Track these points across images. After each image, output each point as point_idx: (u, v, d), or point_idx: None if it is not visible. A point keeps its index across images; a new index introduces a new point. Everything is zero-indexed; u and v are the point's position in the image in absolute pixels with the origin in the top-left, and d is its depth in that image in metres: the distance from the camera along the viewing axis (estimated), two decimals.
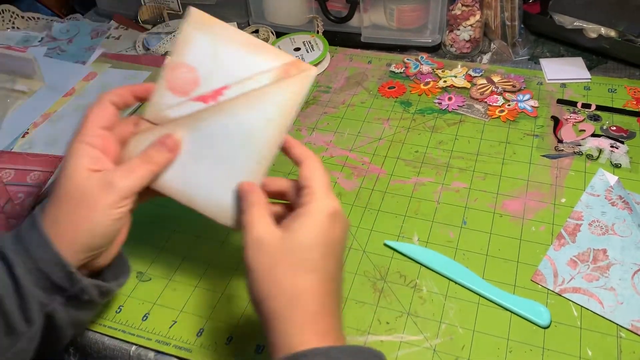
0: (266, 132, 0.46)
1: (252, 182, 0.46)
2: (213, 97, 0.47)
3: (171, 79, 0.47)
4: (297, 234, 0.41)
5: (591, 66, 0.77)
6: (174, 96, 0.47)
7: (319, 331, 0.39)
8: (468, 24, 0.79)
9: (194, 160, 0.47)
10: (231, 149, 0.47)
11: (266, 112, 0.46)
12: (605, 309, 0.49)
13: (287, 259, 0.41)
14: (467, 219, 0.58)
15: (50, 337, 0.45)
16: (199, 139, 0.47)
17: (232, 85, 0.46)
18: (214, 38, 0.47)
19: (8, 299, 0.42)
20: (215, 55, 0.47)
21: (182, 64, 0.47)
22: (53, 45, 0.91)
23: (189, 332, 0.51)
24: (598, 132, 0.67)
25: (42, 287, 0.43)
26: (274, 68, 0.46)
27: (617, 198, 0.58)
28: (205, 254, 0.57)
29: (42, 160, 0.70)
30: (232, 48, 0.46)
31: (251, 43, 0.46)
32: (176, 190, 0.48)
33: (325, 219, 0.42)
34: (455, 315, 0.50)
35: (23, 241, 0.43)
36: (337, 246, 0.43)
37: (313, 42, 0.84)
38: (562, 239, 0.55)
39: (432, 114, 0.72)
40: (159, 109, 0.47)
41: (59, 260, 0.43)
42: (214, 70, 0.47)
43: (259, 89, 0.46)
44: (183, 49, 0.47)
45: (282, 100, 0.46)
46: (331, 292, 0.41)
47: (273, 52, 0.46)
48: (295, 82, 0.46)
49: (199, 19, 0.47)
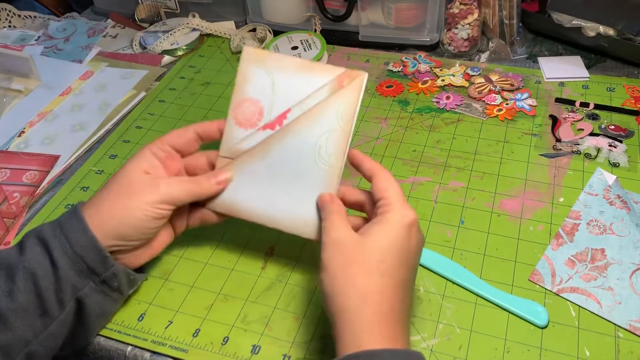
0: (331, 142, 0.49)
1: (330, 192, 0.49)
2: (278, 122, 0.50)
3: (237, 115, 0.52)
4: (375, 238, 0.43)
5: (589, 65, 0.77)
6: (243, 130, 0.51)
7: (387, 335, 0.40)
8: (466, 23, 0.79)
9: (270, 183, 0.51)
10: (302, 165, 0.50)
11: (328, 124, 0.49)
12: (603, 309, 0.49)
13: (363, 260, 0.42)
14: (464, 219, 0.58)
15: (79, 324, 0.47)
16: (272, 163, 0.51)
17: (293, 108, 0.50)
18: (269, 69, 0.51)
19: (45, 280, 0.45)
20: (273, 84, 0.51)
21: (245, 99, 0.51)
22: (50, 44, 0.91)
23: (185, 333, 0.51)
24: (596, 131, 0.66)
25: (77, 271, 0.46)
26: (328, 82, 0.49)
27: (616, 197, 0.58)
28: (202, 254, 0.57)
29: (38, 160, 0.70)
30: (287, 74, 0.50)
31: (303, 66, 0.50)
32: (259, 214, 0.52)
33: (403, 228, 0.43)
34: (453, 315, 0.50)
35: (62, 226, 0.46)
36: (411, 256, 0.44)
37: (310, 40, 0.83)
38: (560, 238, 0.55)
39: (430, 113, 0.72)
40: (232, 144, 0.52)
41: (94, 244, 0.46)
42: (275, 98, 0.51)
43: (317, 105, 0.49)
44: (243, 85, 0.52)
45: (341, 110, 0.49)
46: (402, 299, 0.42)
47: (325, 69, 0.50)
48: (349, 90, 0.49)
49: (253, 55, 0.52)
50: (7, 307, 0.44)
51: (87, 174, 0.68)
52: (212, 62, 0.86)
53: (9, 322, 0.44)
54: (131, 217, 0.47)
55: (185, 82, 0.82)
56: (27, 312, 0.44)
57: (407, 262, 0.43)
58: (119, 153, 0.71)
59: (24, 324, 0.44)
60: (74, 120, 0.76)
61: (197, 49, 0.89)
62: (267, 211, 0.51)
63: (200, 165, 0.53)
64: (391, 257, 0.42)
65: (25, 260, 0.45)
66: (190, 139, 0.52)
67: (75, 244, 0.46)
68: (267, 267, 0.56)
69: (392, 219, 0.44)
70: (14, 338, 0.44)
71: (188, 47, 0.88)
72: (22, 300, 0.44)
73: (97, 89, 0.81)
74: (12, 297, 0.44)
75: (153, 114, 0.77)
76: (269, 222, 0.51)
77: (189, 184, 0.50)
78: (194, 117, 0.75)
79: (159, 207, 0.48)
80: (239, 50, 0.86)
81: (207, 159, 0.53)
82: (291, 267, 0.55)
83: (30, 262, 0.45)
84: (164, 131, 0.73)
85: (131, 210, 0.47)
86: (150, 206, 0.47)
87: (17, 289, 0.44)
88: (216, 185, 0.51)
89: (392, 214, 0.44)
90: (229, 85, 0.81)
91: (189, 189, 0.49)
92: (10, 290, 0.44)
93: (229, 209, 0.52)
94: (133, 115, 0.77)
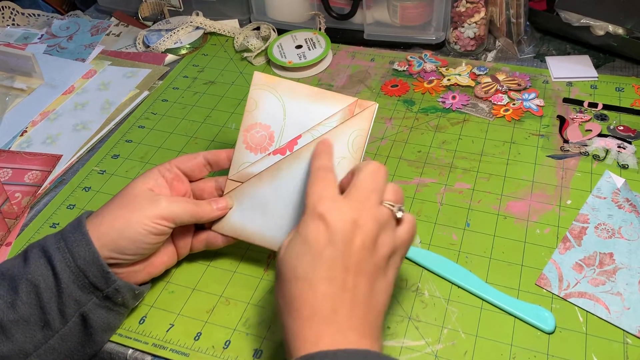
0: (341, 169, 0.49)
1: None
2: (289, 147, 0.51)
3: (248, 140, 0.52)
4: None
5: (598, 64, 0.76)
6: (253, 154, 0.52)
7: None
8: (473, 21, 0.77)
9: (277, 208, 0.51)
10: None
11: (340, 151, 0.49)
12: (612, 315, 0.48)
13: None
14: (470, 221, 0.57)
15: (84, 340, 0.47)
16: (280, 188, 0.51)
17: (304, 134, 0.51)
18: (280, 95, 0.52)
19: (47, 292, 0.45)
20: (285, 110, 0.51)
21: (255, 124, 0.52)
22: (53, 43, 0.90)
23: (186, 336, 0.50)
24: (605, 132, 0.65)
25: (79, 285, 0.46)
26: (340, 111, 0.50)
27: (624, 201, 0.57)
28: (203, 257, 0.56)
29: (40, 160, 0.69)
30: (298, 101, 0.51)
31: (314, 93, 0.51)
32: (263, 238, 0.52)
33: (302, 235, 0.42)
34: (458, 320, 0.49)
35: (66, 239, 0.46)
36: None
37: (315, 39, 0.83)
38: (567, 242, 0.54)
39: (435, 113, 0.71)
40: (241, 168, 0.52)
41: (96, 259, 0.46)
42: (286, 123, 0.51)
43: (329, 132, 0.50)
44: (253, 110, 0.52)
45: (351, 138, 0.49)
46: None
47: (336, 98, 0.50)
48: (360, 118, 0.49)
49: (263, 80, 0.52)
50: (8, 318, 0.44)
51: (90, 174, 0.68)
52: (215, 61, 0.85)
53: (10, 333, 0.44)
54: (130, 229, 0.47)
55: (188, 81, 0.81)
56: (28, 324, 0.44)
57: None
58: (122, 153, 0.70)
59: (25, 336, 0.44)
60: (76, 120, 0.75)
61: (201, 48, 0.88)
62: (272, 235, 0.51)
63: (208, 189, 0.54)
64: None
65: (28, 272, 0.45)
66: (198, 163, 0.53)
67: (78, 258, 0.45)
68: (270, 270, 0.55)
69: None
70: (13, 349, 0.44)
71: (191, 45, 0.87)
72: (23, 311, 0.44)
73: (100, 88, 0.80)
74: (14, 308, 0.44)
75: (156, 113, 0.76)
76: (273, 246, 0.52)
77: (190, 204, 0.50)
78: (197, 117, 0.75)
79: (158, 222, 0.47)
80: (243, 49, 0.85)
81: (216, 184, 0.54)
82: None
83: (34, 274, 0.45)
84: (167, 131, 0.73)
85: (131, 223, 0.47)
86: (150, 220, 0.47)
87: (20, 300, 0.44)
88: (216, 211, 0.52)
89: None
90: (232, 85, 0.80)
91: (189, 209, 0.49)
92: (13, 301, 0.44)
93: (233, 231, 0.53)
94: (136, 114, 0.76)
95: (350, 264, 0.39)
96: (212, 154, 0.54)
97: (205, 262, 0.56)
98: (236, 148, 0.53)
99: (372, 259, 0.41)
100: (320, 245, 0.40)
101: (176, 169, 0.53)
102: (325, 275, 0.39)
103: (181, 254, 0.54)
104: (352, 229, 0.40)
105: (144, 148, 0.71)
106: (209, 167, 0.54)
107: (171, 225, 0.49)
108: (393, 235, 0.42)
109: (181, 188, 0.53)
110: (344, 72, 0.80)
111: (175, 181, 0.52)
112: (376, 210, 0.41)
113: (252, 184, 0.52)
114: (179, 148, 0.70)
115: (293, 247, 0.41)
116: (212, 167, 0.54)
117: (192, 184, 0.54)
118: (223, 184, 0.53)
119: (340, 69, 0.80)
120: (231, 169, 0.53)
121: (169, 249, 0.52)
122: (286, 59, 0.80)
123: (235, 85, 0.80)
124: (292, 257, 0.40)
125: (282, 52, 0.81)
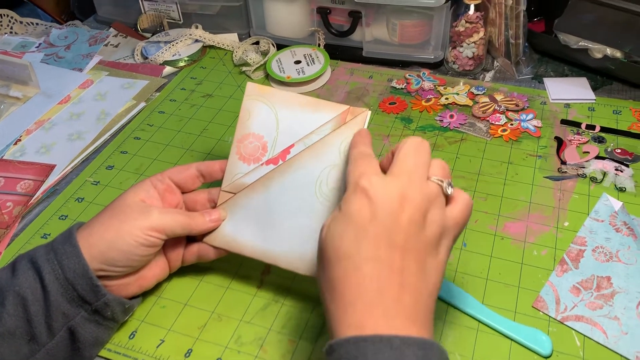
0: (333, 177, 0.49)
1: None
2: (282, 157, 0.51)
3: (241, 150, 0.52)
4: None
5: (596, 87, 0.76)
6: (246, 165, 0.52)
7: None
8: (471, 41, 0.78)
9: (269, 218, 0.51)
10: (302, 200, 0.50)
11: (330, 159, 0.49)
12: (609, 339, 0.48)
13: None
14: (467, 241, 0.57)
15: (72, 355, 0.46)
16: (272, 197, 0.51)
17: (297, 143, 0.50)
18: (273, 104, 0.51)
19: (35, 304, 0.44)
20: (277, 120, 0.51)
21: (248, 134, 0.52)
22: (50, 52, 0.90)
23: (177, 353, 0.49)
24: (602, 154, 0.65)
25: (67, 298, 0.45)
26: (332, 119, 0.49)
27: (622, 224, 0.56)
28: (196, 271, 0.56)
29: (34, 169, 0.69)
30: (292, 110, 0.51)
31: (308, 103, 0.51)
32: (256, 250, 0.51)
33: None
34: (454, 342, 0.48)
35: (56, 251, 0.45)
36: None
37: (314, 55, 0.83)
38: (564, 264, 0.54)
39: (433, 132, 0.71)
40: (234, 179, 0.52)
41: (86, 272, 0.45)
42: (279, 133, 0.51)
43: (320, 140, 0.49)
44: (247, 121, 0.52)
45: (343, 145, 0.49)
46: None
47: (329, 106, 0.50)
48: (352, 125, 0.49)
49: (256, 90, 0.52)
50: None
51: (83, 185, 0.67)
52: (214, 74, 0.85)
53: None
54: (120, 240, 0.46)
55: (186, 93, 0.81)
56: (14, 337, 0.43)
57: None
58: (116, 164, 0.69)
59: (10, 350, 0.43)
60: (71, 129, 0.75)
61: (199, 61, 0.88)
62: (264, 246, 0.51)
63: (201, 200, 0.53)
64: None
65: (16, 284, 0.44)
66: (191, 175, 0.53)
67: (68, 270, 0.44)
68: (263, 286, 0.54)
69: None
70: None
71: (190, 58, 0.87)
72: (10, 324, 0.43)
73: (96, 98, 0.80)
74: (0, 321, 0.43)
75: (152, 124, 0.75)
76: (265, 258, 0.51)
77: (182, 216, 0.49)
78: (193, 129, 0.74)
79: (149, 233, 0.47)
80: (242, 63, 0.85)
81: (209, 196, 0.53)
82: (287, 287, 0.54)
83: (21, 286, 0.44)
84: (163, 143, 0.72)
85: (121, 234, 0.46)
86: (141, 231, 0.46)
87: (6, 313, 0.43)
88: (209, 223, 0.51)
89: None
90: (230, 98, 0.80)
91: (181, 221, 0.49)
92: None
93: (225, 243, 0.52)
94: (132, 125, 0.76)
95: (397, 241, 0.37)
96: (205, 165, 0.53)
97: (197, 277, 0.55)
98: (229, 159, 0.52)
99: (422, 235, 0.38)
100: (365, 221, 0.37)
101: (168, 180, 0.52)
102: (371, 254, 0.37)
103: (173, 267, 0.53)
104: (398, 203, 0.37)
105: (139, 160, 0.70)
106: (202, 179, 0.54)
107: (162, 237, 0.48)
108: (443, 213, 0.39)
109: (173, 200, 0.52)
110: (342, 89, 0.80)
111: (168, 192, 0.52)
112: (424, 185, 0.39)
113: (244, 194, 0.52)
114: (174, 160, 0.70)
115: (336, 226, 0.38)
116: (205, 178, 0.54)
117: (185, 195, 0.53)
118: (216, 195, 0.53)
119: (339, 85, 0.80)
120: (224, 180, 0.53)
121: (160, 261, 0.51)
122: (285, 73, 0.80)
123: (232, 98, 0.79)
124: (334, 237, 0.38)
125: (280, 67, 0.81)
